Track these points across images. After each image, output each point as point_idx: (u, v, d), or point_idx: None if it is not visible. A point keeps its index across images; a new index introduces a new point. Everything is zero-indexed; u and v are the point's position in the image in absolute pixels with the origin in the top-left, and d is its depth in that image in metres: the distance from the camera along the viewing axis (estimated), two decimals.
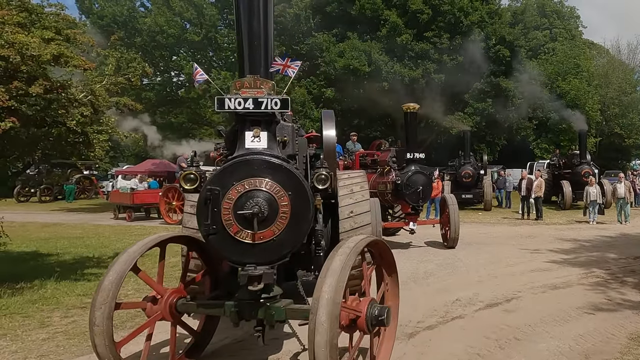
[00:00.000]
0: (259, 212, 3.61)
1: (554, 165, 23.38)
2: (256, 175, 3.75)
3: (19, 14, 7.29)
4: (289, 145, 4.54)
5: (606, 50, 43.34)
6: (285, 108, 3.87)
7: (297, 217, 3.76)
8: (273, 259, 3.76)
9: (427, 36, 27.09)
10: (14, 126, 6.58)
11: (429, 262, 9.80)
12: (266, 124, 3.97)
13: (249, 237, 3.67)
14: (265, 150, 3.90)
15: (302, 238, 3.87)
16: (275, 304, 3.81)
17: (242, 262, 3.72)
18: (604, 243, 12.29)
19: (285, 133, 4.51)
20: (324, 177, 4.02)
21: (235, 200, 3.68)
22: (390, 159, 11.68)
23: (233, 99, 3.82)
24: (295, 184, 3.80)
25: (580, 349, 4.96)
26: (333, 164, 5.65)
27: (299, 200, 3.78)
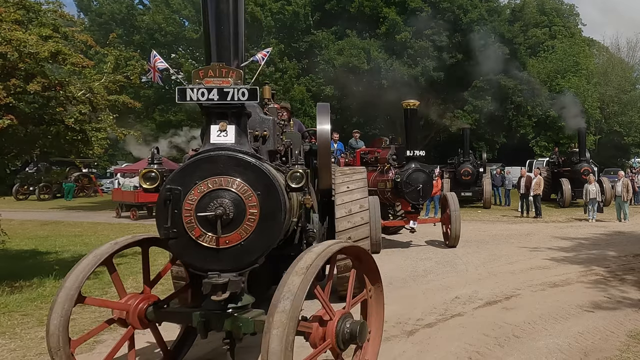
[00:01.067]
0: (223, 213, 3.28)
1: (553, 163, 23.39)
2: (221, 173, 3.40)
3: (17, 11, 7.26)
4: (270, 140, 4.26)
5: (606, 48, 43.30)
6: (253, 99, 3.47)
7: (268, 219, 3.41)
8: (240, 265, 3.42)
9: (426, 34, 27.06)
10: (12, 124, 6.56)
11: (428, 259, 9.80)
12: (234, 116, 3.59)
13: (213, 242, 3.33)
14: (232, 145, 3.54)
15: (274, 242, 3.50)
16: (244, 315, 3.43)
17: (205, 269, 3.39)
18: (603, 241, 12.29)
19: (265, 127, 4.24)
20: (299, 175, 3.60)
21: (197, 201, 3.35)
22: (391, 157, 11.62)
23: (196, 90, 3.42)
24: (265, 183, 3.45)
25: (579, 346, 4.96)
26: (327, 159, 5.58)
27: (269, 200, 3.43)
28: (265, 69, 25.61)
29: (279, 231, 3.50)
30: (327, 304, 3.37)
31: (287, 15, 26.75)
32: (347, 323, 3.38)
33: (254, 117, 4.21)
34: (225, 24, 3.56)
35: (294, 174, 3.63)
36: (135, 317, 3.76)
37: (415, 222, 11.12)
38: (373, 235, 8.79)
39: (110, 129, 8.23)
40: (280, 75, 26.22)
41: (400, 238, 12.51)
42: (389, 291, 7.19)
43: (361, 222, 6.18)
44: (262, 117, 4.32)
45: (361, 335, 3.42)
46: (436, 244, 11.61)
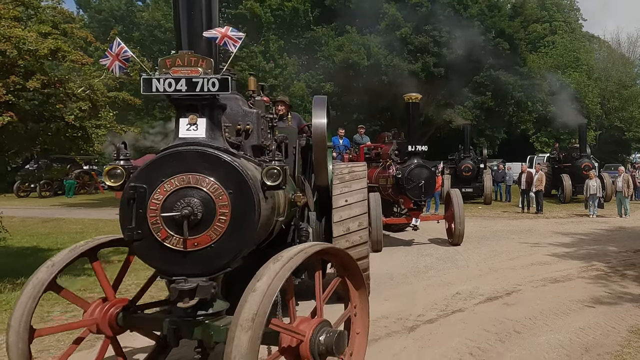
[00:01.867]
0: (191, 214, 3.03)
1: (553, 158, 23.37)
2: (189, 170, 3.15)
3: (15, 8, 7.25)
4: (254, 134, 4.06)
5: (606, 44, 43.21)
6: (224, 89, 3.19)
7: (240, 219, 3.16)
8: (210, 269, 3.17)
9: (426, 29, 26.98)
10: (12, 121, 6.56)
11: (429, 255, 9.80)
12: (205, 109, 3.33)
13: (180, 244, 3.09)
14: (203, 140, 3.28)
15: (248, 244, 3.25)
16: (215, 323, 3.17)
17: (172, 273, 3.16)
18: (604, 236, 12.29)
19: (249, 121, 4.03)
20: (276, 172, 3.32)
21: (163, 200, 3.10)
22: (393, 152, 11.40)
23: (162, 80, 3.15)
24: (238, 181, 3.19)
25: (580, 342, 4.96)
26: (323, 155, 5.41)
27: (242, 199, 3.18)
28: (265, 65, 25.59)
29: (253, 233, 3.23)
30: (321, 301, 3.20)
31: (287, 11, 26.66)
32: (321, 336, 3.06)
33: (236, 110, 4.07)
34: (197, 8, 3.30)
35: (270, 170, 3.35)
36: (106, 325, 3.54)
37: (418, 219, 10.87)
38: (373, 236, 8.69)
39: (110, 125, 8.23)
40: (280, 71, 26.16)
41: (402, 235, 12.44)
42: (390, 287, 7.23)
43: (359, 242, 5.85)
44: (245, 110, 4.13)
45: (339, 345, 3.12)
46: (439, 242, 11.59)
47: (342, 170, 6.19)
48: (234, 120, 4.00)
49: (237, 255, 3.23)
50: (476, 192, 21.27)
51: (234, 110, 4.06)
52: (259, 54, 25.91)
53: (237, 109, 4.09)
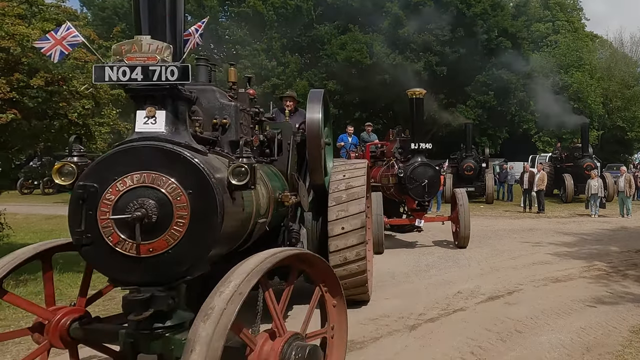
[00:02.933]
0: (144, 216, 2.73)
1: (555, 158, 23.35)
2: (145, 168, 2.85)
3: (19, 5, 7.26)
4: (231, 129, 3.81)
5: (609, 43, 43.12)
6: (184, 78, 2.90)
7: (201, 223, 2.87)
8: (167, 278, 2.86)
9: (429, 28, 26.96)
10: (16, 118, 6.58)
11: (431, 254, 9.80)
12: (165, 100, 3.02)
13: (134, 250, 2.79)
14: (161, 135, 2.98)
15: (211, 250, 2.94)
16: (176, 336, 2.85)
17: (125, 282, 2.90)
18: (606, 236, 12.28)
19: (226, 114, 3.80)
20: (244, 171, 3.06)
21: (115, 201, 2.80)
22: (396, 150, 11.12)
23: (116, 68, 2.87)
24: (198, 180, 2.90)
25: (581, 341, 4.96)
26: (317, 152, 5.18)
27: (203, 201, 2.88)
28: (268, 63, 25.58)
29: (216, 237, 2.93)
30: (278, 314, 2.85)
31: (290, 9, 26.66)
32: (292, 351, 2.78)
33: (212, 102, 3.85)
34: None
35: (236, 169, 3.07)
36: (56, 332, 3.20)
37: (422, 220, 10.45)
38: (375, 238, 8.47)
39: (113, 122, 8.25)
40: (282, 69, 26.17)
41: (405, 236, 12.21)
42: (392, 286, 7.24)
43: (357, 270, 5.49)
44: (222, 102, 3.86)
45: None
46: (438, 239, 11.57)
47: (339, 187, 5.69)
48: (210, 114, 3.79)
49: (197, 262, 2.91)
50: (478, 192, 21.26)
51: (210, 102, 3.86)
52: (261, 52, 25.92)
53: (213, 102, 3.87)
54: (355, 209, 5.53)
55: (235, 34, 26.74)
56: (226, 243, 3.23)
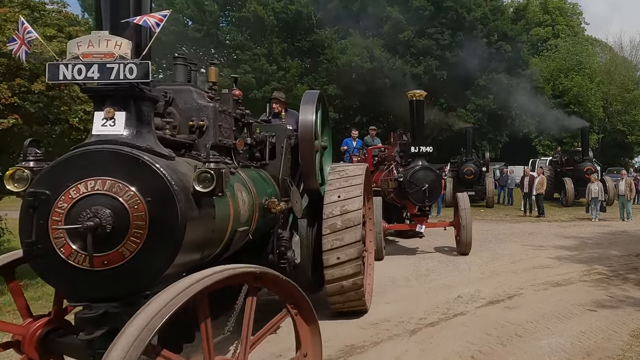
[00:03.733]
0: (98, 226, 2.52)
1: (556, 162, 23.39)
2: (100, 173, 2.64)
3: (21, 11, 7.31)
4: (209, 131, 3.62)
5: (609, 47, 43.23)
6: (144, 77, 2.70)
7: (160, 233, 2.66)
8: (123, 292, 2.65)
9: (429, 32, 27.03)
10: (17, 123, 6.62)
11: (431, 258, 9.81)
12: (125, 100, 2.81)
13: (87, 262, 2.58)
14: (121, 137, 2.77)
15: (171, 262, 2.72)
16: None
17: (77, 297, 2.68)
18: (606, 240, 12.28)
19: (203, 116, 3.60)
20: (209, 177, 2.83)
21: (67, 210, 2.59)
22: (397, 154, 10.92)
23: (71, 66, 2.66)
24: (159, 187, 2.68)
25: (582, 345, 4.96)
26: (310, 156, 4.94)
27: (163, 209, 2.67)
28: (269, 67, 25.64)
29: (177, 248, 2.72)
30: None
31: (290, 14, 26.73)
32: None
33: (189, 103, 3.66)
34: None
35: (201, 174, 2.84)
36: (32, 346, 3.00)
37: (423, 225, 10.19)
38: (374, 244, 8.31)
39: None
40: (283, 74, 26.22)
41: (406, 242, 12.17)
42: (392, 290, 7.24)
43: (353, 289, 5.32)
44: (200, 103, 3.65)
45: None
46: (438, 243, 11.55)
47: (333, 212, 5.28)
48: (186, 116, 3.60)
49: (157, 275, 2.69)
50: (478, 195, 21.30)
51: (187, 103, 3.66)
52: (262, 56, 25.98)
53: (190, 103, 3.66)
54: (351, 237, 5.19)
55: (235, 38, 26.82)
56: (194, 253, 3.00)
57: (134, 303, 2.58)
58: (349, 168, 5.79)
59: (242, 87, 24.86)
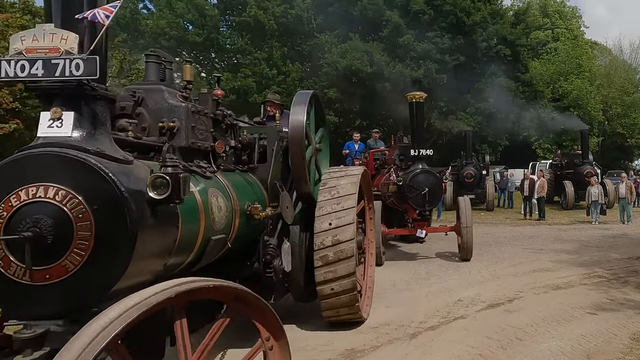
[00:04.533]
0: (37, 236, 2.31)
1: (556, 165, 23.39)
2: (43, 179, 2.41)
3: (23, 16, 7.36)
4: (180, 133, 3.41)
5: (608, 50, 43.32)
6: (91, 73, 2.49)
7: (108, 245, 2.45)
8: (67, 310, 2.43)
9: (429, 36, 27.11)
10: (18, 128, 6.66)
11: (431, 262, 9.80)
12: (74, 99, 2.58)
13: (27, 276, 2.37)
14: (67, 140, 2.54)
15: (120, 275, 2.50)
16: None
17: (17, 315, 2.46)
18: (607, 243, 12.26)
19: (175, 117, 3.40)
20: (164, 182, 2.60)
21: (7, 218, 2.38)
22: (397, 157, 10.77)
23: (13, 62, 2.47)
24: (107, 194, 2.47)
25: (582, 349, 4.96)
26: (300, 158, 4.76)
27: (110, 218, 2.46)
28: (269, 72, 25.70)
29: (127, 261, 2.50)
30: None
31: (290, 18, 26.82)
32: None
33: (160, 104, 3.46)
34: None
35: (156, 180, 2.61)
36: None
37: (423, 230, 9.91)
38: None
39: None
40: (283, 78, 26.29)
41: (406, 246, 12.06)
42: (392, 294, 7.24)
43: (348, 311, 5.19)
44: (171, 103, 3.43)
45: None
46: (438, 246, 11.53)
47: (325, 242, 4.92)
48: (157, 117, 3.41)
49: (105, 290, 2.48)
50: (478, 199, 21.29)
51: (158, 104, 3.46)
52: (262, 60, 26.05)
53: (161, 103, 3.45)
54: (344, 269, 4.95)
55: (236, 43, 26.91)
56: (152, 265, 2.79)
57: (79, 321, 2.27)
58: (340, 184, 5.29)
59: (242, 91, 25.02)
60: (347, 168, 5.84)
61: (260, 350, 2.65)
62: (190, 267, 3.38)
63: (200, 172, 3.49)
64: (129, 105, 3.36)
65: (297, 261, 4.99)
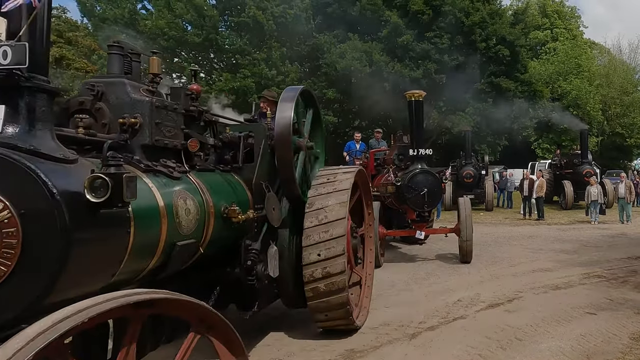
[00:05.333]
0: None
1: (555, 165, 23.42)
2: None
3: None
4: (143, 130, 3.18)
5: (607, 50, 43.38)
6: (19, 62, 2.25)
7: (37, 253, 2.21)
8: None
9: (428, 36, 27.14)
10: None
11: (431, 262, 9.81)
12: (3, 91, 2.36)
13: None
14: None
15: (50, 288, 2.27)
16: None
17: None
18: (606, 243, 12.27)
19: (137, 112, 3.17)
20: (104, 184, 2.36)
21: None
22: (396, 157, 10.58)
23: None
24: (37, 197, 2.22)
25: (581, 349, 4.96)
26: (286, 158, 4.52)
27: (40, 225, 2.22)
28: (268, 72, 25.71)
29: (58, 272, 2.26)
30: None
31: (289, 18, 26.82)
32: None
33: (120, 98, 3.21)
34: None
35: (94, 181, 2.37)
36: None
37: (422, 232, 9.70)
38: None
39: None
40: (282, 78, 26.30)
41: (405, 247, 12.04)
42: (392, 294, 7.24)
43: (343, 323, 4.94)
44: (133, 98, 3.19)
45: None
46: (437, 246, 11.53)
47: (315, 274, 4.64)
48: (118, 112, 3.16)
49: (34, 305, 2.24)
50: (478, 199, 21.31)
51: (119, 98, 3.21)
52: (261, 61, 26.06)
53: (122, 97, 3.21)
54: (337, 300, 4.75)
55: (235, 43, 26.92)
56: (95, 275, 2.56)
57: (4, 339, 2.04)
58: (328, 205, 4.78)
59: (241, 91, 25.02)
60: (336, 174, 5.13)
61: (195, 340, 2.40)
62: (155, 274, 3.15)
63: (167, 172, 3.24)
64: (87, 100, 3.16)
65: (287, 266, 4.75)
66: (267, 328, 5.46)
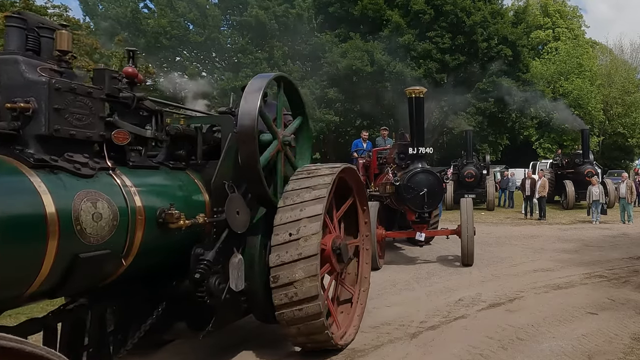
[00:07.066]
0: None
1: (556, 165, 23.39)
2: None
3: None
4: (38, 117, 2.70)
5: (609, 50, 43.31)
6: None
7: None
8: None
9: (429, 36, 27.14)
10: None
11: (432, 262, 9.80)
12: None
13: None
14: None
15: None
16: None
17: None
18: (607, 243, 12.26)
19: (31, 96, 2.67)
20: None
21: None
22: (397, 156, 10.22)
23: None
24: None
25: (583, 349, 4.96)
26: (251, 156, 3.91)
27: None
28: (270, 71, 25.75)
29: None
30: None
31: (291, 18, 26.84)
32: None
33: (12, 79, 2.68)
34: None
35: None
36: None
37: (423, 233, 9.34)
38: None
39: None
40: None
41: (405, 247, 12.06)
42: (393, 293, 7.24)
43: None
44: (27, 78, 2.65)
45: None
46: (439, 246, 11.53)
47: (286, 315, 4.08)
48: (10, 96, 2.63)
49: None
50: (479, 198, 21.31)
51: (11, 79, 2.67)
52: (263, 60, 26.08)
53: (15, 78, 2.67)
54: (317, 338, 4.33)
55: (237, 42, 26.94)
56: None
57: None
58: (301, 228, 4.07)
59: None
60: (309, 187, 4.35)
61: None
62: (50, 296, 2.68)
63: (72, 168, 2.72)
64: None
65: (257, 277, 4.15)
66: (267, 328, 5.47)
